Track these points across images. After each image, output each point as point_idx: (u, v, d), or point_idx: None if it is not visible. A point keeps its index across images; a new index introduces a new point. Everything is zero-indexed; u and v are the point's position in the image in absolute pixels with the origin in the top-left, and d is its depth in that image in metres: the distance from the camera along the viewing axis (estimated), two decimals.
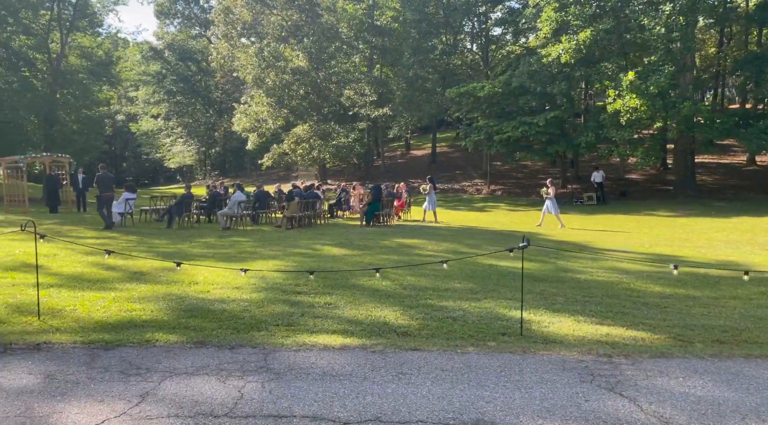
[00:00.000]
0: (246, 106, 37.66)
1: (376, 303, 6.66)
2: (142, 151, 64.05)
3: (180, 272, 8.52)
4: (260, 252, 11.12)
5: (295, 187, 18.22)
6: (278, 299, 6.79)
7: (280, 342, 4.90)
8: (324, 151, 34.89)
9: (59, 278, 7.85)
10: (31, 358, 4.34)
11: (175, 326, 5.42)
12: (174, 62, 53.27)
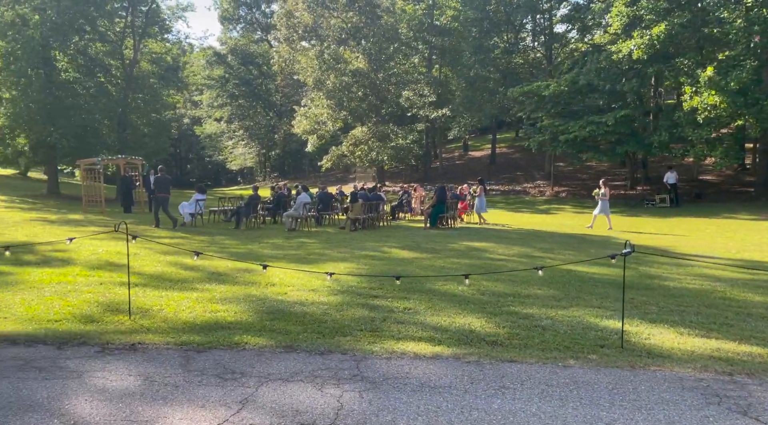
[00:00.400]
0: (306, 108, 38.17)
1: (457, 309, 6.45)
2: (206, 153, 66.17)
3: (256, 273, 8.60)
4: (329, 254, 11.11)
5: (359, 189, 18.20)
6: (356, 303, 6.69)
7: (369, 348, 4.76)
8: (382, 153, 34.87)
9: (142, 277, 8.04)
10: (128, 359, 4.39)
11: (261, 329, 5.39)
12: (236, 66, 54.78)
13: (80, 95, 28.03)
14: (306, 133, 38.01)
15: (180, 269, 8.86)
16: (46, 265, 8.60)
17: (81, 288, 7.05)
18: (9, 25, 24.99)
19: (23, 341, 4.74)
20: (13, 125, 26.85)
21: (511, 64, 35.02)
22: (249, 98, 55.37)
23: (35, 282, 7.30)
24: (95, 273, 8.17)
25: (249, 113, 55.74)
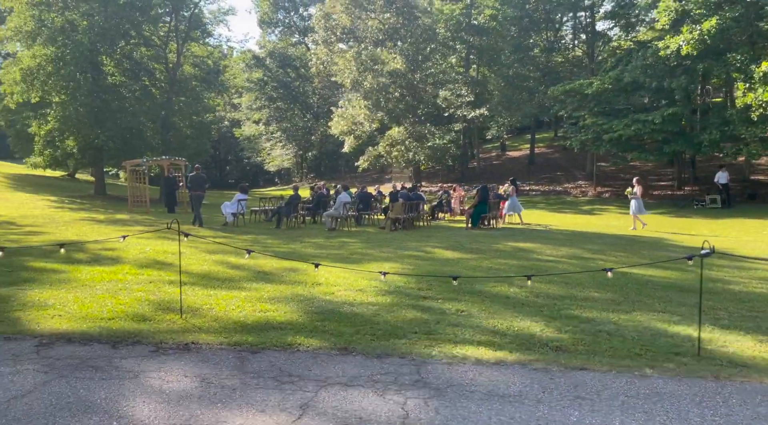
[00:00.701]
0: (343, 109, 38.23)
1: (512, 312, 6.19)
2: (244, 155, 67.15)
3: (302, 272, 8.51)
4: (372, 254, 10.96)
5: (400, 189, 18.02)
6: (407, 304, 6.50)
7: (427, 352, 4.56)
8: (419, 153, 34.60)
9: (191, 276, 8.03)
10: (182, 359, 4.30)
11: (312, 329, 5.25)
12: (275, 69, 55.39)
13: (126, 98, 28.70)
14: (343, 133, 38.05)
15: (227, 268, 8.84)
16: (96, 263, 8.70)
17: (132, 286, 7.06)
18: (59, 30, 25.77)
19: (78, 339, 4.72)
20: (62, 128, 27.69)
21: (551, 62, 34.30)
22: (287, 100, 55.93)
23: (87, 280, 7.36)
24: (144, 271, 8.21)
25: (286, 115, 56.29)
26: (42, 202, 23.05)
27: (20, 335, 4.81)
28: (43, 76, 26.05)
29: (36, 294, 6.39)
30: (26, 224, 15.23)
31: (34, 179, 34.78)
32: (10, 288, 6.63)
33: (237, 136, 63.03)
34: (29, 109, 31.21)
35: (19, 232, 13.25)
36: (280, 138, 57.76)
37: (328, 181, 55.49)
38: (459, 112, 35.21)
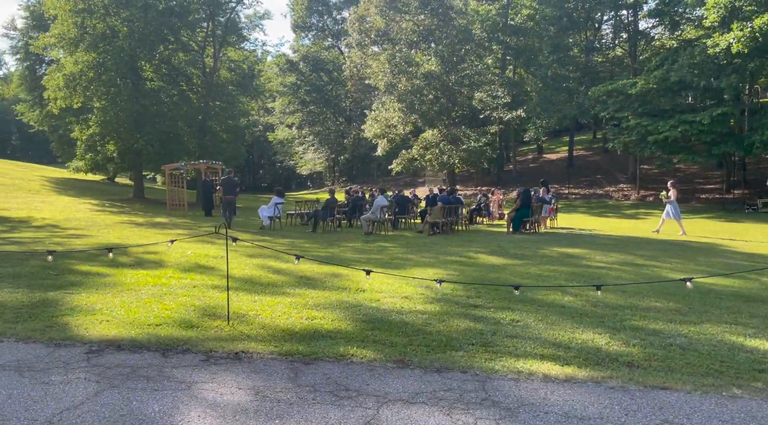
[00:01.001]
0: (377, 112, 38.14)
1: (571, 322, 5.85)
2: (277, 158, 67.77)
3: (344, 278, 8.32)
4: (413, 259, 10.71)
5: (439, 192, 17.72)
6: (457, 313, 6.22)
7: (489, 366, 4.28)
8: (454, 156, 34.23)
9: (233, 281, 7.91)
10: (234, 369, 4.12)
11: (363, 339, 5.03)
12: (308, 73, 55.76)
13: (164, 103, 29.20)
14: (376, 136, 37.97)
15: (268, 272, 8.70)
16: (140, 267, 8.68)
17: (176, 291, 6.98)
18: (100, 37, 26.36)
19: (128, 346, 4.60)
20: (103, 132, 28.31)
21: (591, 62, 33.50)
22: (319, 104, 56.22)
23: (132, 284, 7.32)
24: (187, 275, 8.14)
25: (319, 119, 56.59)
26: (84, 206, 23.54)
27: (69, 341, 4.72)
28: (85, 81, 26.67)
29: (83, 298, 6.35)
30: (69, 227, 15.50)
31: (76, 183, 35.69)
32: (58, 292, 6.61)
33: (270, 140, 63.62)
34: (71, 115, 32.03)
35: (63, 235, 13.45)
36: (313, 141, 58.08)
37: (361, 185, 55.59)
38: (495, 114, 34.73)
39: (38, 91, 38.80)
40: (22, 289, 6.73)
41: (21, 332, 4.92)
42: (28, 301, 6.12)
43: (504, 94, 34.03)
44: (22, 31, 41.83)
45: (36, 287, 6.86)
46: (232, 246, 11.86)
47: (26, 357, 4.27)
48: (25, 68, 41.32)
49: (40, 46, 28.36)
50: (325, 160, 59.43)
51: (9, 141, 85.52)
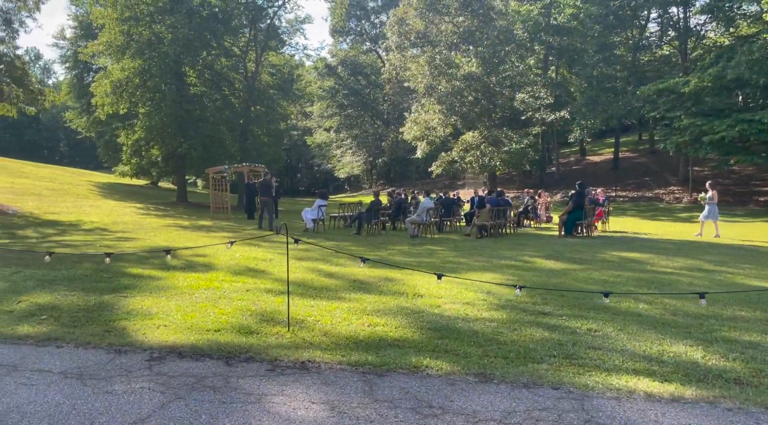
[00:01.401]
0: (416, 114, 37.81)
1: (654, 332, 5.38)
2: (314, 162, 68.13)
3: (398, 282, 8.01)
4: (466, 263, 10.31)
5: (485, 194, 17.25)
6: (527, 321, 5.82)
7: (581, 382, 3.88)
8: (495, 158, 33.59)
9: (284, 284, 7.68)
10: (303, 380, 3.84)
11: (434, 349, 4.69)
12: (346, 77, 55.90)
13: (207, 108, 29.55)
14: (416, 139, 37.62)
15: (320, 276, 8.46)
16: (190, 270, 8.56)
17: (230, 294, 6.78)
18: (146, 44, 26.87)
19: (189, 353, 4.38)
20: (148, 137, 28.83)
21: (637, 61, 32.38)
22: (357, 107, 56.26)
23: (185, 287, 7.16)
24: (239, 278, 7.96)
25: (357, 122, 56.63)
26: (129, 209, 23.94)
27: (129, 347, 4.53)
28: (131, 87, 27.22)
29: (138, 301, 6.21)
30: (117, 230, 15.66)
31: (121, 187, 36.52)
32: (113, 295, 6.50)
33: (309, 144, 63.98)
34: (118, 120, 32.79)
35: (112, 238, 13.55)
36: (350, 145, 58.15)
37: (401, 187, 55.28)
38: (537, 115, 33.94)
39: (86, 98, 39.93)
40: (77, 292, 6.64)
41: (80, 337, 4.77)
42: (84, 305, 6.01)
43: (547, 95, 33.21)
44: (71, 41, 43.20)
45: (91, 290, 6.77)
46: (279, 249, 11.72)
47: (87, 363, 4.09)
48: (74, 76, 42.63)
49: (89, 54, 29.10)
50: (363, 163, 59.40)
51: (58, 147, 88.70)
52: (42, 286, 6.88)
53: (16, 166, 38.25)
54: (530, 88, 34.02)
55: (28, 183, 29.92)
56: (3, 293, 6.46)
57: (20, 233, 13.90)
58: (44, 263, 8.55)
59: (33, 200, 23.24)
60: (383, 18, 55.76)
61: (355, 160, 58.57)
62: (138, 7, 27.06)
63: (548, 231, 17.93)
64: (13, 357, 4.18)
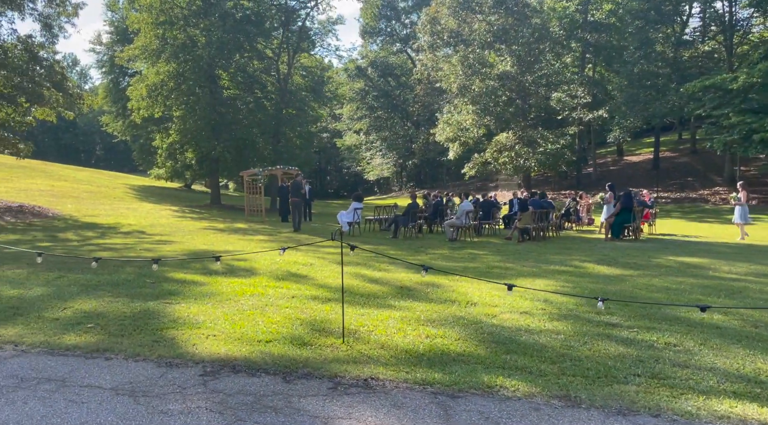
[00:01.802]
0: (449, 115, 37.33)
1: (740, 347, 4.92)
2: (344, 164, 68.08)
3: (445, 289, 7.66)
4: (513, 268, 9.88)
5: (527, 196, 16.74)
6: (596, 333, 5.39)
7: (680, 407, 3.47)
8: (531, 159, 32.88)
9: (330, 291, 7.42)
10: (369, 401, 3.52)
11: (503, 365, 4.32)
12: (376, 79, 55.69)
13: (240, 110, 29.63)
14: (448, 140, 37.13)
15: (364, 282, 8.16)
16: (232, 275, 8.35)
17: (276, 301, 6.52)
18: (180, 47, 27.07)
19: (244, 367, 4.11)
20: (182, 140, 29.05)
21: (679, 57, 31.29)
22: (387, 109, 55.98)
23: (229, 293, 6.94)
24: (282, 284, 7.71)
25: (387, 124, 56.33)
26: (165, 212, 24.10)
27: (180, 359, 4.29)
28: (166, 91, 27.45)
29: (183, 309, 5.99)
30: (155, 233, 15.67)
31: (156, 190, 36.98)
32: (158, 302, 6.30)
33: (338, 146, 63.98)
34: (153, 124, 33.18)
35: (150, 241, 13.52)
36: (380, 147, 57.88)
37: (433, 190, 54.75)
38: (574, 115, 33.12)
39: (121, 102, 40.62)
40: (121, 298, 6.47)
41: (128, 348, 4.55)
42: (130, 312, 5.82)
43: (584, 94, 32.37)
44: (107, 46, 44.02)
45: (135, 296, 6.60)
46: (319, 253, 11.48)
47: (138, 378, 3.85)
48: (110, 81, 43.40)
49: (125, 58, 29.47)
50: (393, 165, 59.06)
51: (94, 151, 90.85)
52: (86, 292, 6.74)
53: (55, 169, 39.10)
54: (567, 87, 33.23)
55: (67, 186, 30.49)
56: (48, 299, 6.33)
57: (61, 236, 13.99)
58: (87, 267, 8.46)
59: (72, 203, 23.60)
60: (414, 18, 55.41)
61: (384, 162, 58.26)
62: (172, 11, 27.29)
63: (591, 234, 17.30)
64: (61, 371, 3.97)
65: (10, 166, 33.26)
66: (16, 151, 18.77)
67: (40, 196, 24.39)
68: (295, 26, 31.95)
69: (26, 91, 17.81)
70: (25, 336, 4.83)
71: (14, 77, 17.44)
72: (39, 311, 5.78)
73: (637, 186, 34.59)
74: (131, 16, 28.98)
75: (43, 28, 19.78)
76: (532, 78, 32.97)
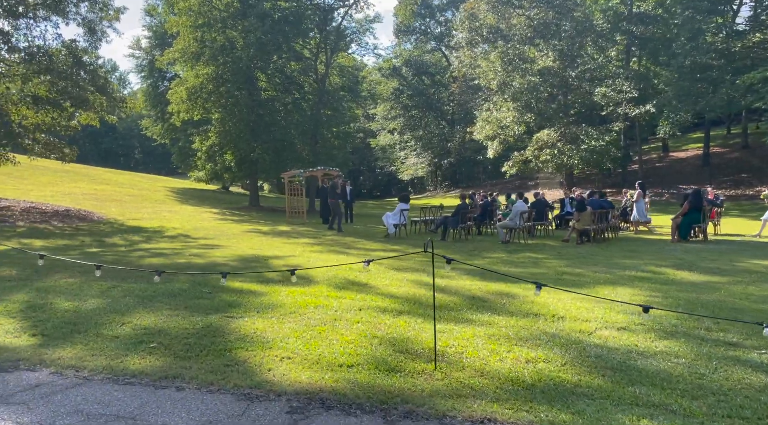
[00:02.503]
0: (488, 113, 36.42)
1: None
2: (377, 164, 67.55)
3: (518, 298, 7.02)
4: (586, 274, 9.16)
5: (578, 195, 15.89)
6: (719, 356, 4.69)
7: None
8: (575, 156, 31.75)
9: (397, 301, 6.86)
10: None
11: (635, 401, 3.66)
12: (410, 78, 55.04)
13: (278, 112, 29.41)
14: (488, 138, 36.20)
15: (428, 290, 7.55)
16: (289, 283, 7.85)
17: (344, 315, 5.99)
18: (220, 49, 26.98)
19: (334, 402, 3.57)
20: (222, 143, 28.99)
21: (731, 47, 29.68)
22: (422, 108, 55.28)
23: (291, 305, 6.44)
24: (344, 294, 7.18)
25: (421, 123, 55.61)
26: (206, 214, 23.99)
27: (259, 389, 3.78)
28: (205, 93, 27.42)
29: (248, 324, 5.51)
30: (200, 236, 15.40)
31: (195, 192, 37.15)
32: (220, 316, 5.84)
33: (372, 146, 63.53)
34: (192, 127, 33.28)
35: (197, 245, 13.21)
36: (414, 147, 57.19)
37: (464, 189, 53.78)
38: (619, 110, 31.83)
39: (160, 106, 41.03)
40: (180, 311, 6.04)
41: (199, 374, 4.07)
42: (192, 328, 5.36)
43: (630, 88, 31.04)
44: (146, 50, 44.54)
45: (194, 309, 6.16)
46: (342, 255, 10.94)
47: (218, 416, 3.35)
48: (149, 85, 43.89)
49: (165, 61, 29.59)
50: (427, 165, 58.29)
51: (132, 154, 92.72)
52: (143, 304, 6.33)
53: (98, 173, 39.72)
54: (611, 81, 31.96)
55: (110, 189, 30.80)
56: (105, 313, 5.93)
57: (108, 241, 13.81)
58: (141, 276, 8.11)
59: (115, 206, 23.69)
60: (448, 15, 54.57)
61: (419, 162, 57.55)
62: (211, 13, 27.23)
63: (649, 234, 16.35)
64: (130, 405, 3.50)
65: (55, 171, 33.83)
66: (62, 156, 18.82)
67: (85, 199, 24.58)
68: (333, 25, 31.61)
69: (71, 96, 17.80)
70: (85, 359, 4.40)
71: (60, 82, 17.44)
72: (97, 327, 5.38)
73: (688, 183, 33.10)
74: (170, 20, 29.07)
75: (87, 33, 19.80)
76: (575, 73, 31.82)
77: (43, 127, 18.32)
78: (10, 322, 5.58)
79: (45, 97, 17.61)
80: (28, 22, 18.37)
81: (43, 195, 24.05)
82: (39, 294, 6.85)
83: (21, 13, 18.02)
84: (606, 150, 31.74)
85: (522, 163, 35.24)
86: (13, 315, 5.82)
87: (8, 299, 6.54)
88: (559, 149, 32.39)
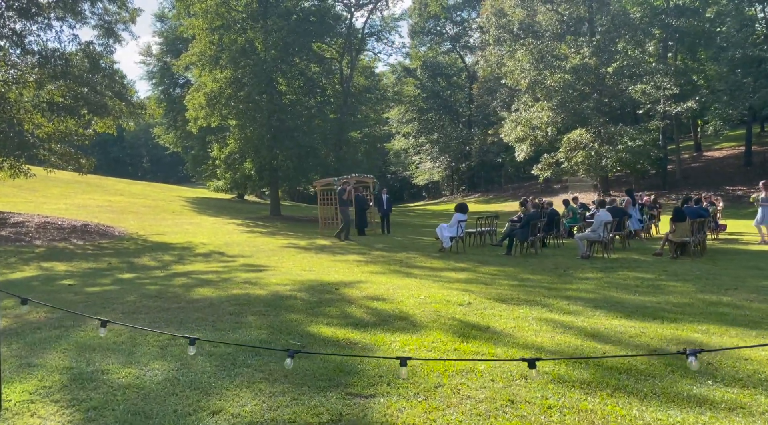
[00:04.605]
0: (517, 114, 34.77)
1: None
2: (390, 169, 65.81)
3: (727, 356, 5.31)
4: (741, 305, 7.45)
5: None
6: None
7: None
8: (612, 157, 30.07)
9: (567, 365, 5.17)
10: None
11: None
12: (425, 80, 53.47)
13: (300, 116, 27.84)
14: (518, 140, 34.54)
15: (575, 336, 5.86)
16: (388, 326, 6.17)
17: (517, 392, 4.30)
18: (239, 52, 25.43)
19: None
20: (242, 150, 27.42)
21: None
22: (437, 111, 53.68)
23: (424, 371, 4.75)
24: (473, 347, 5.45)
25: (437, 126, 53.98)
26: (229, 226, 22.41)
27: None
28: (224, 99, 25.89)
29: (389, 413, 3.82)
30: (236, 254, 13.79)
31: (211, 202, 35.57)
32: (340, 394, 4.16)
33: (388, 150, 61.91)
34: (211, 134, 31.74)
35: (239, 267, 11.56)
36: (430, 150, 55.54)
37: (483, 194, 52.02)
38: (658, 108, 30.16)
39: (172, 114, 39.56)
40: (283, 385, 4.34)
41: None
42: (317, 422, 3.68)
43: (670, 85, 29.37)
44: (156, 57, 43.11)
45: (299, 380, 4.45)
46: (439, 278, 9.25)
47: None
48: (161, 92, 42.46)
49: (182, 66, 28.08)
50: (444, 169, 56.55)
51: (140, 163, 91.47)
52: (227, 372, 4.65)
53: (110, 183, 38.29)
54: (649, 78, 30.29)
55: (124, 200, 29.27)
56: (181, 391, 4.25)
57: (138, 262, 12.19)
58: (200, 320, 6.43)
59: (134, 218, 22.13)
60: (464, 15, 53.06)
61: (435, 166, 55.85)
62: (229, 14, 25.71)
63: (732, 244, 14.66)
64: None
65: (66, 182, 32.37)
66: (79, 166, 17.26)
67: (100, 212, 23.03)
68: (361, 20, 30.16)
69: (89, 102, 16.22)
70: None
71: (77, 87, 15.86)
72: (178, 420, 3.71)
73: (729, 184, 31.33)
74: (186, 21, 27.54)
75: (104, 35, 18.25)
76: (612, 69, 30.15)
77: (59, 136, 16.74)
78: (53, 411, 3.91)
79: (61, 104, 16.03)
80: (41, 23, 16.82)
81: (57, 208, 22.51)
82: (81, 353, 5.19)
83: (34, 14, 16.47)
84: (645, 150, 30.09)
85: (553, 166, 33.60)
86: (55, 398, 4.15)
87: (42, 365, 4.87)
88: (595, 150, 30.73)
